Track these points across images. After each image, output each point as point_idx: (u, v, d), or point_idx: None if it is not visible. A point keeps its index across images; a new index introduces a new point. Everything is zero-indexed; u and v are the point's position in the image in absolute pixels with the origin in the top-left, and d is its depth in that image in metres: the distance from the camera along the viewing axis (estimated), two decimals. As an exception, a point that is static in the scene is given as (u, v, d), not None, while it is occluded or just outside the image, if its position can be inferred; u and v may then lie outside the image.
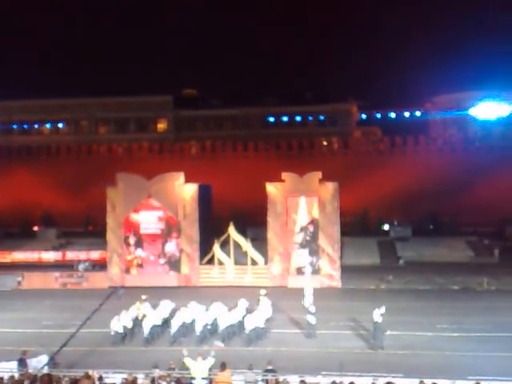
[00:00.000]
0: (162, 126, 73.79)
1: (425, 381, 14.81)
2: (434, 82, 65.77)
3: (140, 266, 37.19)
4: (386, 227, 52.12)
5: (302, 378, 15.23)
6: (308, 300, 23.85)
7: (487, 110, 65.40)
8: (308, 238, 35.81)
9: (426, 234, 49.08)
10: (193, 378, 16.15)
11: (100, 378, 15.25)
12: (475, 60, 65.71)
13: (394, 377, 15.57)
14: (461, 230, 49.19)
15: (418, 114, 76.77)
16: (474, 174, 54.26)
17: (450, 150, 59.37)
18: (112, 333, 22.89)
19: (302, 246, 35.81)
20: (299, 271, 35.57)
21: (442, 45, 74.02)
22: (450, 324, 24.72)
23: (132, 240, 37.23)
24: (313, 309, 23.60)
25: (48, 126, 74.94)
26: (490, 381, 15.72)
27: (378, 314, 22.16)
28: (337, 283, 35.20)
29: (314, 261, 35.31)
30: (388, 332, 22.03)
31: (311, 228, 35.78)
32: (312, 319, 23.45)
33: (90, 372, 15.13)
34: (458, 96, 68.44)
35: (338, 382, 14.95)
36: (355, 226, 50.04)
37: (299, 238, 35.90)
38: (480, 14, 74.40)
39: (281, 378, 15.58)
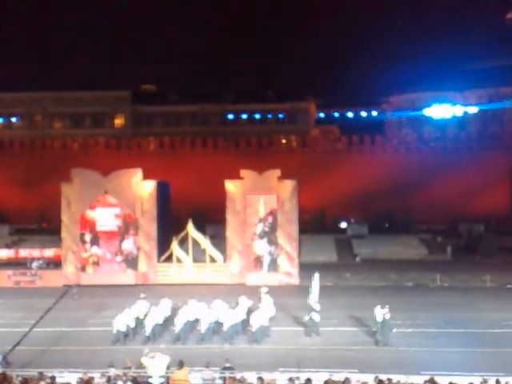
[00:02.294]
0: (119, 121, 72.77)
1: (380, 376, 15.04)
2: (390, 82, 67.07)
3: (96, 263, 36.56)
4: (343, 225, 52.83)
5: (259, 375, 15.30)
6: (314, 298, 23.67)
7: (441, 110, 67.03)
8: (267, 229, 36.12)
9: (382, 232, 49.94)
10: (149, 377, 15.99)
11: (52, 378, 14.94)
12: (429, 61, 67.23)
13: (349, 372, 15.80)
14: (415, 228, 50.34)
15: (374, 113, 78.09)
16: (428, 173, 55.56)
17: (404, 149, 60.60)
18: (114, 331, 22.37)
19: (261, 236, 36.09)
20: (258, 260, 35.78)
21: (397, 46, 75.40)
22: (404, 320, 25.13)
23: (88, 237, 36.58)
24: (318, 307, 23.41)
25: (1, 120, 72.97)
26: (443, 376, 16.07)
27: (380, 313, 22.15)
28: (295, 280, 35.45)
29: (273, 250, 35.76)
30: (395, 330, 22.08)
31: (270, 219, 36.04)
32: (317, 317, 23.33)
33: (43, 372, 14.82)
34: (413, 96, 69.99)
35: (294, 378, 15.05)
36: (313, 223, 50.53)
37: (258, 228, 36.15)
38: (433, 16, 76.17)
39: (238, 376, 15.58)
